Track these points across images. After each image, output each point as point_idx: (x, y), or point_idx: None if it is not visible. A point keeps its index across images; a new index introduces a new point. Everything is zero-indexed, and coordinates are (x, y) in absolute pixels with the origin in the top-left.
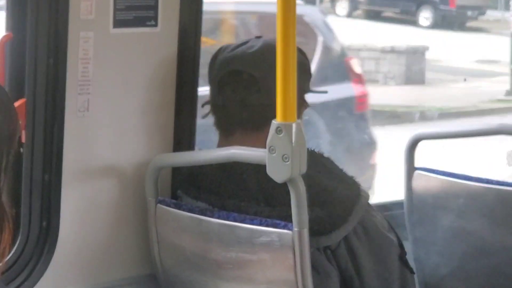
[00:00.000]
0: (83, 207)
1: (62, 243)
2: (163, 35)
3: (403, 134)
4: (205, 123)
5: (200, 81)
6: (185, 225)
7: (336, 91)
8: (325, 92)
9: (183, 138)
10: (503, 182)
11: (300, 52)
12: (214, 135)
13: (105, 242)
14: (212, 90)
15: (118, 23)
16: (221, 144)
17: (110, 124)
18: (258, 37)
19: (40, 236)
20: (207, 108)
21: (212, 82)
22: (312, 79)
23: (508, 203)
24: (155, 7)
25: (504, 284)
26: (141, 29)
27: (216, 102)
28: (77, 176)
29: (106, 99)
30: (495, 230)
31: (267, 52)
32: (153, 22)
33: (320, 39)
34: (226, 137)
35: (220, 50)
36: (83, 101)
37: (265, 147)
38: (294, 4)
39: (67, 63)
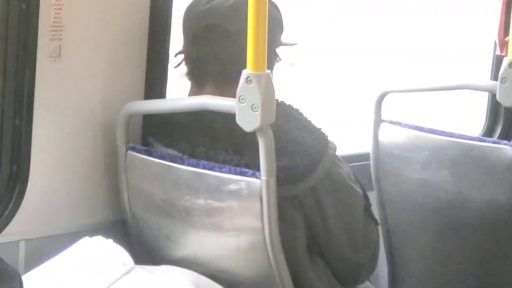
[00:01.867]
0: (53, 153)
1: (32, 187)
2: None
3: None
4: None
5: None
6: (155, 172)
7: None
8: (295, 44)
9: (155, 86)
10: (465, 136)
11: (273, 6)
12: None
13: (75, 187)
14: (185, 42)
15: None
16: (192, 94)
17: (81, 71)
18: None
19: (10, 180)
20: (180, 57)
21: (186, 34)
22: None
23: (471, 156)
24: None
25: (465, 236)
26: None
27: (189, 54)
28: (48, 122)
29: (78, 46)
30: (458, 183)
31: (241, 5)
32: None
33: None
34: (198, 88)
35: (195, 2)
36: (55, 47)
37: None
38: None
39: (39, 9)
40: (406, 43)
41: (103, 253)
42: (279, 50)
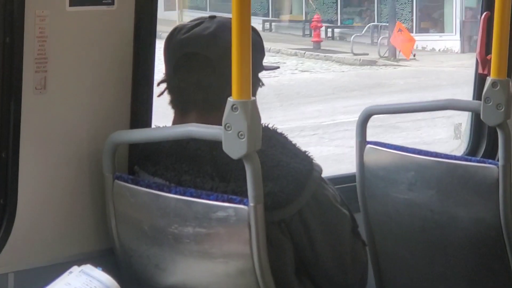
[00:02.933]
0: (40, 184)
1: (20, 220)
2: (119, 13)
3: None
4: None
5: None
6: (142, 200)
7: None
8: (277, 67)
9: (140, 114)
10: (451, 156)
11: (254, 32)
12: None
13: (63, 218)
14: (167, 70)
15: (74, 1)
16: (176, 122)
17: (67, 102)
18: (212, 17)
19: None
20: (163, 86)
21: (167, 63)
22: None
23: (456, 175)
24: None
25: (451, 253)
26: (97, 7)
27: (172, 83)
28: (34, 154)
29: (63, 77)
30: (443, 202)
31: (222, 33)
32: (109, 0)
33: None
34: (182, 116)
35: (175, 31)
36: (40, 79)
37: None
38: None
39: (23, 42)
40: None
41: (92, 283)
42: (261, 75)
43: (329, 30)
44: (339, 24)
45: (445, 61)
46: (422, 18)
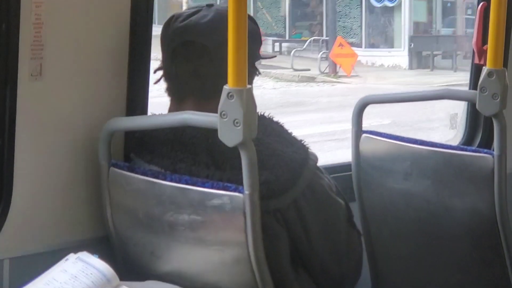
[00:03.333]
0: (36, 171)
1: (15, 206)
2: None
3: None
4: None
5: None
6: (137, 188)
7: None
8: (274, 56)
9: (136, 102)
10: (446, 145)
11: (251, 20)
12: None
13: (59, 205)
14: (164, 58)
15: None
16: (172, 110)
17: (63, 89)
18: (210, 5)
19: None
20: (159, 73)
21: (165, 51)
22: None
23: (451, 165)
24: None
25: (446, 243)
26: None
27: (168, 70)
28: (30, 140)
29: (59, 64)
30: (439, 192)
31: (219, 21)
32: None
33: None
34: (178, 103)
35: (172, 19)
36: (36, 66)
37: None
38: None
39: (19, 28)
40: None
41: (88, 270)
42: (258, 64)
43: (277, 44)
44: (287, 38)
45: (389, 78)
46: (372, 33)
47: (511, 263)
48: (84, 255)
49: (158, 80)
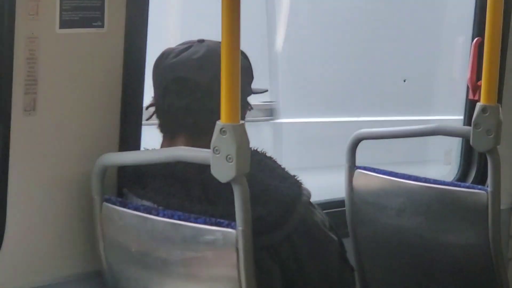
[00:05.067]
0: (29, 205)
1: (8, 241)
2: (109, 36)
3: None
4: None
5: None
6: (130, 223)
7: None
8: (266, 90)
9: (129, 137)
10: (440, 181)
11: (243, 55)
12: None
13: (52, 240)
14: (156, 95)
15: (64, 24)
16: (165, 145)
17: (56, 123)
18: (201, 41)
19: None
20: (152, 109)
21: (156, 87)
22: None
23: (445, 201)
24: (101, 8)
25: (441, 280)
26: (87, 29)
27: (160, 107)
28: (23, 175)
29: (53, 99)
30: (432, 228)
31: (211, 57)
32: (99, 23)
33: None
34: (170, 140)
35: (164, 55)
36: (30, 101)
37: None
38: (239, 8)
39: (13, 63)
40: None
41: None
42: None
43: None
44: None
45: None
46: None
47: None
48: None
49: (150, 117)
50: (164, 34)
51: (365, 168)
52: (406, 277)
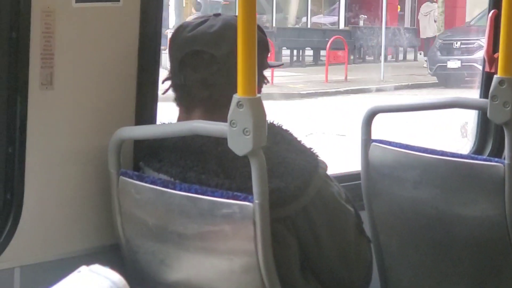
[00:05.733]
0: (47, 180)
1: (26, 214)
2: (125, 10)
3: None
4: None
5: None
6: (147, 197)
7: None
8: (282, 64)
9: (145, 111)
10: (456, 154)
11: (259, 29)
12: None
13: (69, 213)
14: (172, 68)
15: None
16: (181, 119)
17: (73, 98)
18: (217, 15)
19: (4, 208)
20: (167, 83)
21: (173, 60)
22: None
23: (461, 174)
24: None
25: (456, 251)
26: (103, 3)
27: (177, 80)
28: (41, 149)
29: (69, 73)
30: (449, 201)
31: (227, 31)
32: None
33: None
34: (186, 113)
35: (180, 29)
36: (46, 75)
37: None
38: None
39: (30, 37)
40: None
41: (100, 281)
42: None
43: None
44: None
45: None
46: None
47: None
48: (96, 268)
49: (166, 90)
50: None
51: (380, 142)
52: (421, 249)
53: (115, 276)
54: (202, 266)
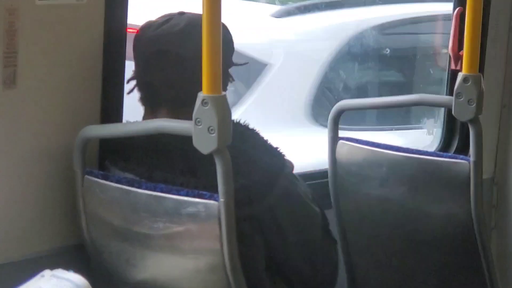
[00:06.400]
0: (10, 180)
1: None
2: (89, 7)
3: None
4: None
5: None
6: (112, 196)
7: None
8: (247, 63)
9: (111, 110)
10: (423, 151)
11: (224, 28)
12: None
13: (33, 213)
14: (137, 68)
15: None
16: (146, 118)
17: (37, 96)
18: (182, 13)
19: None
20: (132, 83)
21: (137, 60)
22: None
23: (427, 171)
24: None
25: (424, 250)
26: (67, 1)
27: (142, 80)
28: (4, 149)
29: (33, 72)
30: (415, 198)
31: (192, 29)
32: None
33: None
34: (152, 113)
35: (144, 28)
36: (9, 73)
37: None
38: None
39: None
40: None
41: (63, 284)
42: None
43: None
44: None
45: None
46: None
47: (487, 268)
48: (59, 272)
49: (131, 90)
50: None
51: (347, 139)
52: (389, 247)
53: (78, 279)
54: (167, 265)
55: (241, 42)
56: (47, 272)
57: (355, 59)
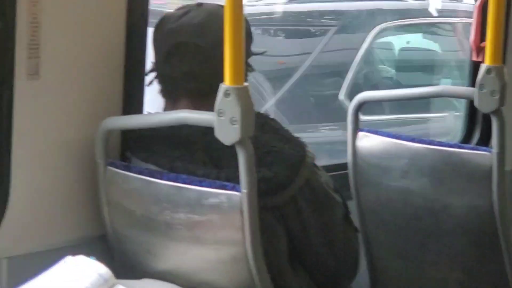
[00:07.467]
0: (34, 170)
1: (13, 205)
2: None
3: None
4: None
5: None
6: (134, 187)
7: None
8: (265, 52)
9: (132, 101)
10: (445, 143)
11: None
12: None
13: (57, 204)
14: (157, 60)
15: None
16: (167, 110)
17: (60, 87)
18: (199, 4)
19: None
20: (152, 75)
21: (157, 52)
22: None
23: (449, 163)
24: None
25: (444, 241)
26: None
27: (162, 72)
28: (27, 139)
29: (56, 63)
30: (437, 190)
31: (211, 21)
32: None
33: None
34: (172, 104)
35: (163, 20)
36: (33, 65)
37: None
38: None
39: (15, 27)
40: None
41: (85, 272)
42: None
43: None
44: None
45: None
46: None
47: (509, 260)
48: (82, 258)
49: (151, 82)
50: None
51: (368, 131)
52: (410, 239)
53: (100, 266)
54: (189, 256)
55: None
56: (69, 259)
57: None
